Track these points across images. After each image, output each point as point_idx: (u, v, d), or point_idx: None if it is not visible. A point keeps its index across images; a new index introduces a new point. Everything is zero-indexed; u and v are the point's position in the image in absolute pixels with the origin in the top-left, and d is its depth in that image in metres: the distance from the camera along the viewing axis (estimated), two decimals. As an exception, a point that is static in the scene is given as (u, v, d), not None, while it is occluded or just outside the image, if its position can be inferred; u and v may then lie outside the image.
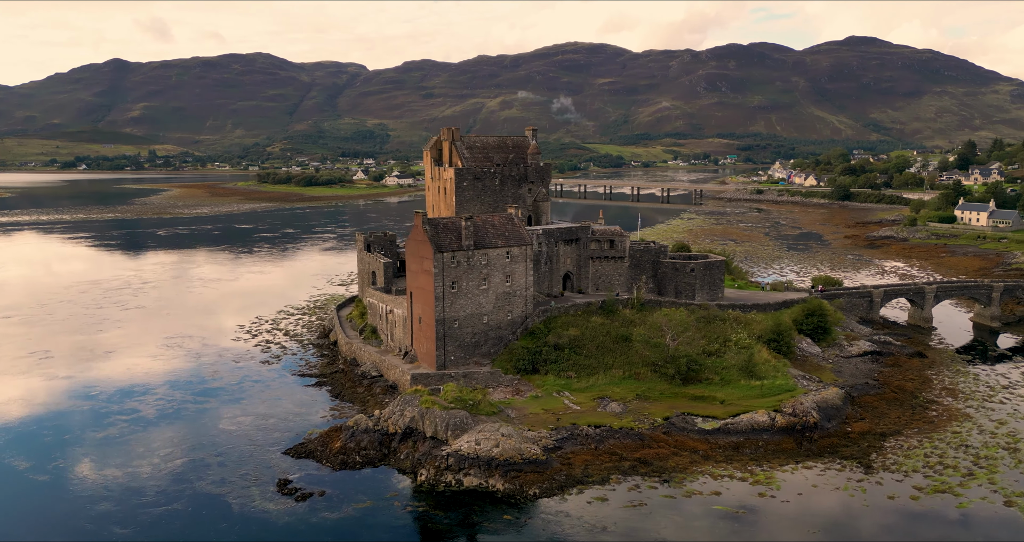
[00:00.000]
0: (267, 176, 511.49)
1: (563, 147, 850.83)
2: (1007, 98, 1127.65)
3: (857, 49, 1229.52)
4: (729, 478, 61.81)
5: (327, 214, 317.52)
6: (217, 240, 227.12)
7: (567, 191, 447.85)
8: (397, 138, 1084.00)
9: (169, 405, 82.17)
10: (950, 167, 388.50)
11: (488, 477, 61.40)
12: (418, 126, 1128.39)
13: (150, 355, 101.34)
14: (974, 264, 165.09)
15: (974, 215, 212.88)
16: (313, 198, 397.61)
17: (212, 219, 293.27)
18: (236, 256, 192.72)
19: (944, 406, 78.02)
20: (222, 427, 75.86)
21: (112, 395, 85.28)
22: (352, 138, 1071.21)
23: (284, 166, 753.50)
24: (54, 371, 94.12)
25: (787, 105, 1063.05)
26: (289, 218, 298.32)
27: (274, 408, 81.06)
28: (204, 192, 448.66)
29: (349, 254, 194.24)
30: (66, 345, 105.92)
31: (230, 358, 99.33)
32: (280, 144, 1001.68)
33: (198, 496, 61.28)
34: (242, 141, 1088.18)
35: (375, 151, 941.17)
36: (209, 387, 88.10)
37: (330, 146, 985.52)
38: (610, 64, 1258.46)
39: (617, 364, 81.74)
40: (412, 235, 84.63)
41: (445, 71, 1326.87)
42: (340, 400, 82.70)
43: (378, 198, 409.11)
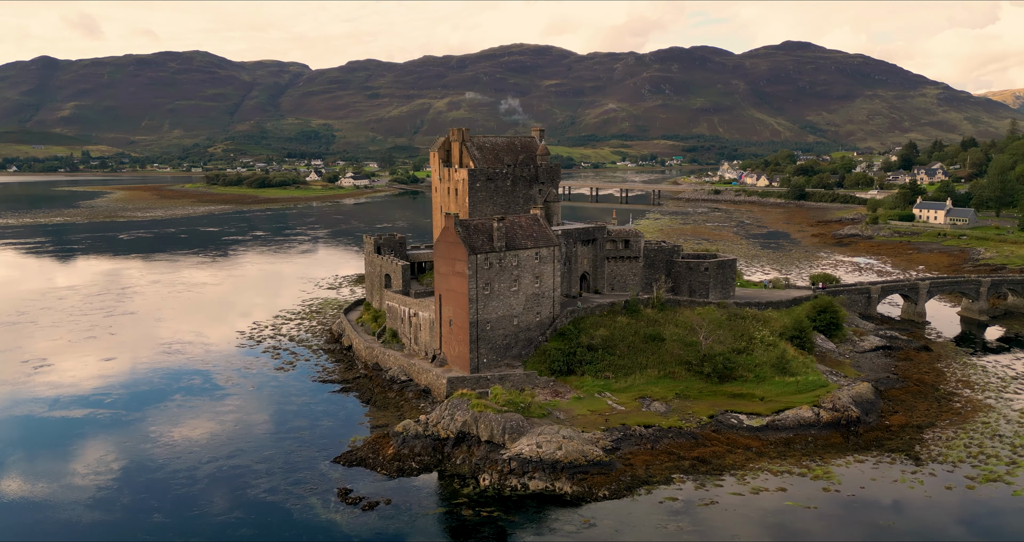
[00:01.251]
0: (216, 178, 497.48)
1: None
2: (934, 101, 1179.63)
3: (793, 53, 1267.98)
4: (788, 474, 62.81)
5: (289, 216, 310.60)
6: (186, 243, 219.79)
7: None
8: (343, 138, 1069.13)
9: (193, 412, 79.18)
10: (894, 168, 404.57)
11: (554, 480, 60.96)
12: (364, 127, 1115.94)
13: (156, 362, 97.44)
14: (943, 260, 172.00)
15: (932, 213, 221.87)
16: (269, 200, 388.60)
17: (171, 222, 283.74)
18: (212, 260, 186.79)
19: (965, 397, 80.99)
20: (257, 434, 73.46)
21: (129, 403, 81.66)
22: (297, 138, 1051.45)
23: (228, 167, 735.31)
24: (56, 378, 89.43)
25: (728, 107, 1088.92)
26: (252, 220, 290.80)
27: (306, 415, 78.87)
28: (151, 194, 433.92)
29: (331, 257, 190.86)
30: (62, 352, 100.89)
31: (241, 365, 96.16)
32: (222, 145, 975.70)
33: (255, 504, 59.33)
34: (181, 142, 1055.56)
35: (322, 152, 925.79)
36: (229, 394, 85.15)
37: (274, 147, 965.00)
38: (556, 66, 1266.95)
39: (651, 364, 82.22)
40: (442, 237, 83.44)
41: (391, 71, 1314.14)
42: (372, 406, 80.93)
43: (334, 200, 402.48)
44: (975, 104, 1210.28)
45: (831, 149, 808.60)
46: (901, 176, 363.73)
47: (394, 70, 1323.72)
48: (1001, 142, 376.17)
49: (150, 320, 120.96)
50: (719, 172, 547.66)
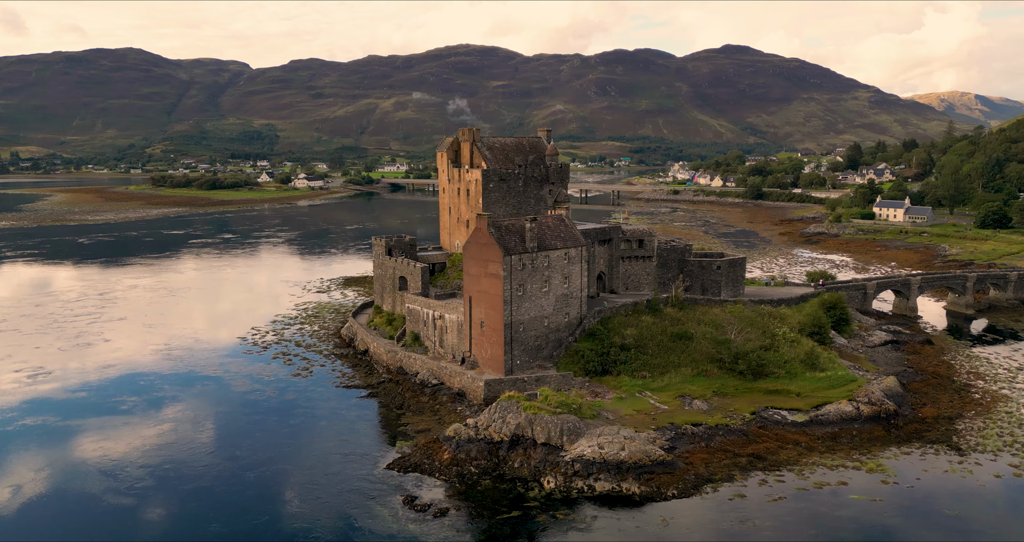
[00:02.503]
0: (162, 180, 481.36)
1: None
2: (866, 104, 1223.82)
3: (733, 57, 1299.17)
4: (843, 468, 64.08)
5: (250, 218, 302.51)
6: (153, 247, 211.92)
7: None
8: (287, 139, 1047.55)
9: (218, 420, 76.33)
10: (841, 168, 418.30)
11: (620, 481, 60.82)
12: (309, 127, 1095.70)
13: (162, 368, 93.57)
14: (911, 257, 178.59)
15: (891, 212, 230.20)
16: (223, 202, 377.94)
17: (128, 225, 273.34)
18: (187, 263, 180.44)
19: (981, 388, 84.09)
20: (296, 442, 71.26)
21: (147, 412, 78.07)
22: (239, 139, 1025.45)
23: (169, 168, 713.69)
24: (60, 385, 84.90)
25: (672, 109, 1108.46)
26: (214, 223, 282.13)
27: (339, 422, 76.91)
28: (94, 197, 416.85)
29: (310, 260, 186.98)
30: (58, 360, 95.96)
31: (253, 372, 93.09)
32: (161, 145, 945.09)
33: (322, 513, 57.58)
34: (115, 142, 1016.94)
35: (266, 153, 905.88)
36: (250, 401, 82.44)
37: (216, 147, 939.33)
38: (502, 67, 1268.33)
39: (683, 362, 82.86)
40: (473, 238, 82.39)
41: (335, 71, 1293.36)
42: (408, 411, 79.31)
43: (289, 201, 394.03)
44: (904, 107, 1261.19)
45: (771, 150, 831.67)
46: (850, 176, 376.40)
47: (338, 69, 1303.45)
48: (941, 143, 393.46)
49: (141, 326, 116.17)
50: (670, 173, 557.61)
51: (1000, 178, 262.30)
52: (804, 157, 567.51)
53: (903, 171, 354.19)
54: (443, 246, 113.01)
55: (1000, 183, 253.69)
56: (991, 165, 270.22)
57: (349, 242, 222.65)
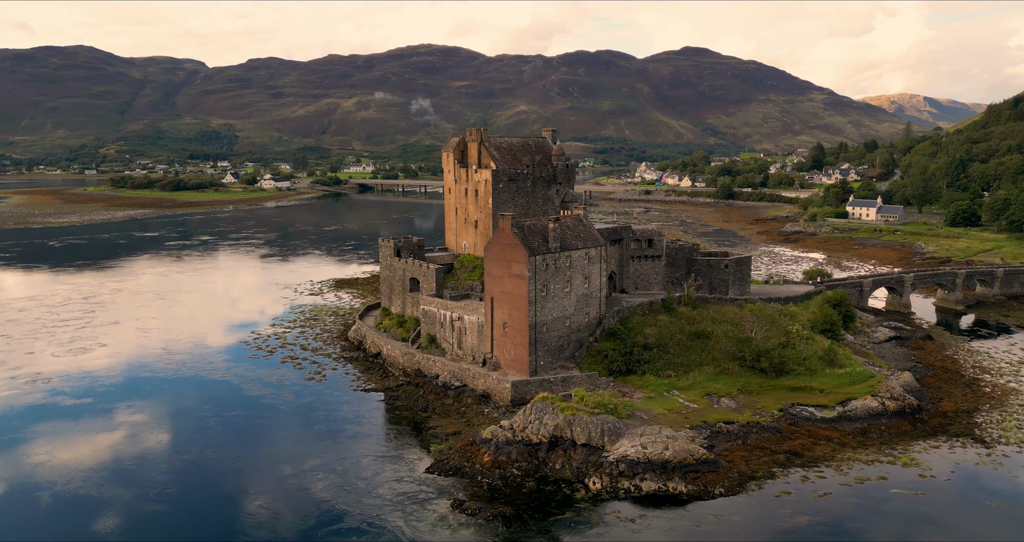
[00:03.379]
0: (122, 181, 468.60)
1: (429, 149, 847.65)
2: (820, 106, 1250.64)
3: (692, 59, 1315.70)
4: (878, 463, 65.12)
5: (224, 220, 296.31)
6: (129, 249, 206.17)
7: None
8: (246, 139, 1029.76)
9: (243, 426, 74.34)
10: (805, 168, 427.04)
11: (666, 480, 60.89)
12: (268, 126, 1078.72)
13: (169, 374, 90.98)
14: (890, 255, 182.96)
15: (864, 211, 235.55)
16: (190, 203, 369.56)
17: (96, 228, 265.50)
18: (170, 266, 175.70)
19: (989, 382, 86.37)
20: (327, 447, 69.99)
21: (168, 420, 75.75)
22: (196, 139, 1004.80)
23: (125, 169, 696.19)
24: (67, 391, 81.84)
25: (634, 110, 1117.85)
26: (187, 225, 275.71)
27: (364, 425, 75.76)
28: (52, 199, 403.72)
29: (295, 261, 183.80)
30: (54, 365, 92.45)
31: (263, 376, 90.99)
32: (115, 146, 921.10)
33: (368, 516, 56.64)
34: (67, 142, 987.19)
35: (226, 153, 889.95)
36: (269, 406, 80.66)
37: (172, 148, 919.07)
38: (465, 67, 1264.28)
39: (704, 361, 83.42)
40: (496, 239, 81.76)
41: (294, 70, 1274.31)
42: (433, 414, 78.31)
43: (257, 202, 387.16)
44: (857, 108, 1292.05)
45: (731, 150, 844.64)
46: (816, 176, 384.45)
47: (298, 69, 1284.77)
48: (900, 143, 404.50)
49: (136, 330, 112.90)
50: (637, 173, 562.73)
51: (964, 178, 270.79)
52: (767, 157, 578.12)
53: (867, 171, 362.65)
54: (449, 247, 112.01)
55: (965, 182, 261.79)
56: (955, 165, 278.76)
57: (331, 244, 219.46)
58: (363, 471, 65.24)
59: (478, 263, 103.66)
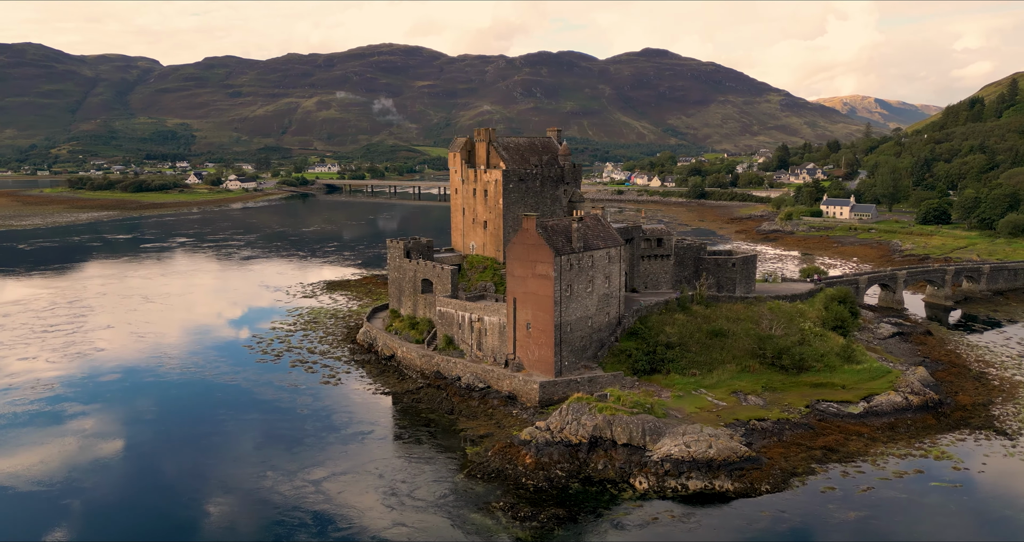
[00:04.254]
0: (81, 182, 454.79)
1: (394, 149, 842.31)
2: (777, 107, 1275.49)
3: (653, 60, 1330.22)
4: (911, 457, 66.37)
5: (196, 221, 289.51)
6: (106, 252, 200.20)
7: (427, 193, 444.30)
8: (204, 139, 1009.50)
9: (268, 430, 72.49)
10: (772, 168, 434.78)
11: (713, 478, 61.18)
12: (227, 126, 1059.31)
13: (177, 379, 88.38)
14: (869, 253, 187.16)
15: (838, 210, 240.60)
16: (156, 205, 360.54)
17: (64, 230, 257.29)
18: (151, 269, 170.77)
19: (995, 375, 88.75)
20: (358, 451, 68.65)
21: (193, 428, 73.58)
22: (152, 139, 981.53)
23: (79, 170, 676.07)
24: (76, 398, 78.92)
25: (597, 111, 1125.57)
26: (159, 226, 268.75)
27: (391, 429, 74.85)
28: (9, 201, 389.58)
29: (280, 263, 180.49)
30: (57, 372, 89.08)
31: (274, 381, 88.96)
32: (67, 146, 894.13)
33: (420, 521, 55.74)
34: (15, 142, 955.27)
35: (184, 153, 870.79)
36: (287, 409, 78.80)
37: (127, 148, 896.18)
38: (427, 67, 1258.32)
39: (725, 359, 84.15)
40: (519, 239, 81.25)
41: (253, 68, 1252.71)
42: (461, 416, 77.49)
43: (224, 204, 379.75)
44: (812, 110, 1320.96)
45: (692, 151, 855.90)
46: (782, 176, 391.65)
47: (256, 67, 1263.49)
48: (862, 144, 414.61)
49: (132, 335, 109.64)
50: (604, 173, 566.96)
51: (929, 177, 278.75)
52: (734, 158, 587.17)
53: (833, 171, 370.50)
54: (455, 248, 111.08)
55: (931, 181, 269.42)
56: (920, 165, 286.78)
57: (313, 245, 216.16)
58: (400, 474, 64.35)
59: (488, 264, 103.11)
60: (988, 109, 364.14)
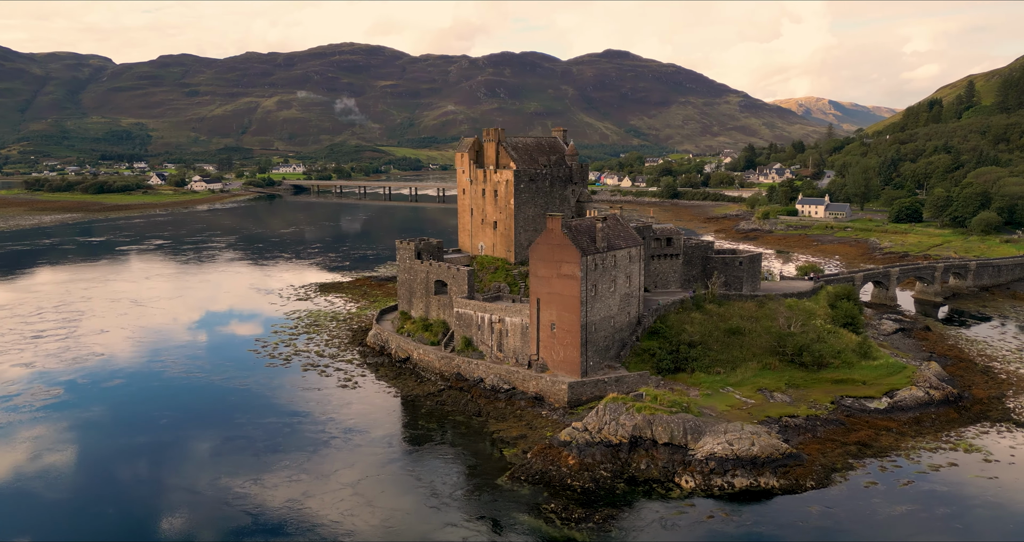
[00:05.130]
0: (38, 184, 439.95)
1: (358, 150, 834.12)
2: (736, 108, 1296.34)
3: (614, 61, 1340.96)
4: (942, 450, 67.75)
5: (166, 223, 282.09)
6: (81, 255, 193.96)
7: (398, 193, 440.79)
8: (160, 139, 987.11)
9: (296, 434, 70.83)
10: (739, 168, 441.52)
11: (758, 476, 61.62)
12: (184, 126, 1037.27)
13: (186, 384, 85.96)
14: (850, 251, 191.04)
15: (813, 209, 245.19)
16: (120, 207, 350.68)
17: (29, 233, 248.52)
18: (135, 272, 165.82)
19: (1000, 369, 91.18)
20: (393, 455, 67.61)
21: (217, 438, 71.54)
22: (106, 139, 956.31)
23: (32, 171, 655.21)
24: (84, 406, 76.17)
25: (560, 112, 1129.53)
26: (131, 229, 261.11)
27: (421, 432, 73.88)
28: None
29: (266, 266, 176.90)
30: (60, 379, 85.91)
31: (288, 385, 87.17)
32: (17, 146, 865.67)
33: (473, 524, 55.10)
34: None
35: (140, 154, 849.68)
36: (308, 413, 77.10)
37: (80, 148, 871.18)
38: (390, 67, 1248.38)
39: (745, 357, 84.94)
40: (543, 239, 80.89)
41: (210, 67, 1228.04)
42: (490, 418, 76.81)
43: (191, 205, 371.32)
44: (770, 111, 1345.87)
45: (655, 151, 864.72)
46: (752, 175, 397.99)
47: (214, 66, 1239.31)
48: (825, 145, 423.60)
49: (128, 340, 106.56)
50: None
51: (896, 176, 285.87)
52: (700, 158, 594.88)
53: (800, 171, 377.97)
54: (463, 248, 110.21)
55: (899, 181, 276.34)
56: (887, 165, 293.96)
57: (296, 247, 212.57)
58: (438, 476, 63.89)
59: (500, 264, 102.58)
60: (947, 110, 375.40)
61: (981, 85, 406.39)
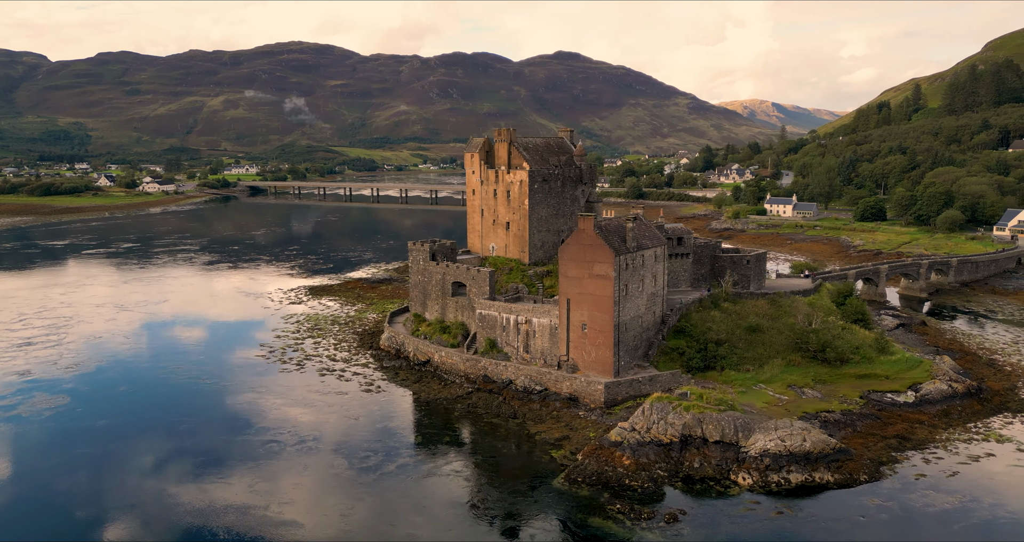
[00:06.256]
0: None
1: (310, 150, 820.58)
2: (685, 110, 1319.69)
3: (565, 63, 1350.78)
4: (975, 441, 69.78)
5: (127, 226, 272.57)
6: (48, 258, 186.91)
7: (359, 194, 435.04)
8: (101, 139, 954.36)
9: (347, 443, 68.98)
10: (698, 168, 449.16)
11: (812, 471, 62.44)
12: (126, 125, 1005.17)
13: (197, 392, 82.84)
14: (825, 249, 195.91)
15: (781, 208, 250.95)
16: (72, 209, 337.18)
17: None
18: (111, 276, 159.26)
19: (1003, 361, 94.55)
20: (438, 460, 66.37)
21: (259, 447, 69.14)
22: (43, 139, 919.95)
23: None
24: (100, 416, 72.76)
25: (513, 113, 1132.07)
26: (92, 232, 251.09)
27: (460, 435, 73.19)
28: None
29: (247, 269, 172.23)
30: (67, 387, 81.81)
31: (307, 390, 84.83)
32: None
33: (541, 526, 54.37)
34: None
35: (80, 154, 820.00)
36: (338, 418, 75.12)
37: (15, 148, 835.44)
38: (340, 66, 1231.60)
39: (768, 354, 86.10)
40: (574, 239, 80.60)
41: (152, 65, 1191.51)
42: (527, 420, 76.07)
43: (145, 207, 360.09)
44: (717, 113, 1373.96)
45: (607, 152, 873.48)
46: (712, 176, 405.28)
47: (156, 64, 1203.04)
48: (779, 146, 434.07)
49: (125, 346, 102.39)
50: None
51: (855, 176, 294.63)
52: (660, 158, 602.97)
53: (759, 171, 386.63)
54: (472, 249, 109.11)
55: (860, 180, 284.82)
56: (846, 165, 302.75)
57: (274, 248, 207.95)
58: (489, 478, 63.32)
59: (514, 265, 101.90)
60: (896, 112, 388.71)
61: (926, 88, 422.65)
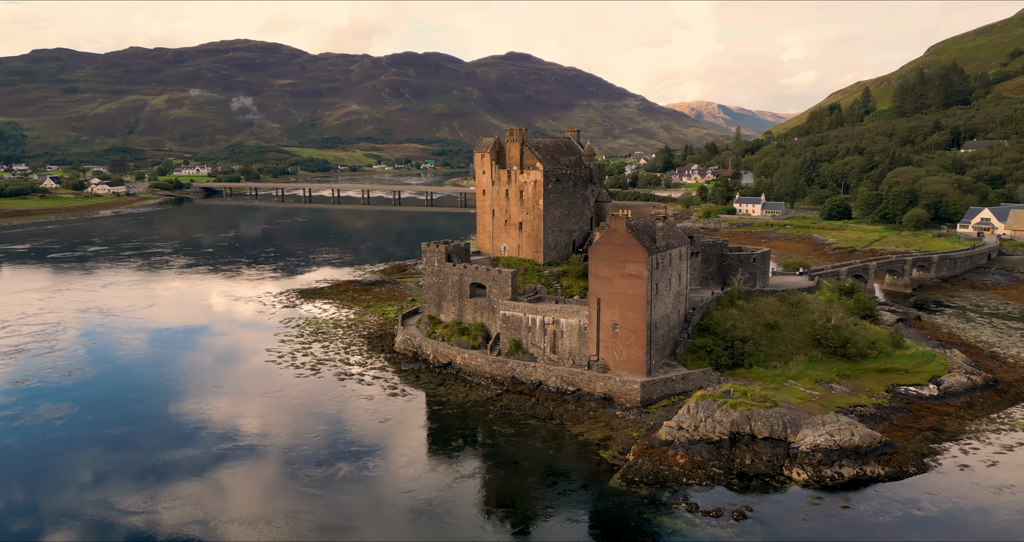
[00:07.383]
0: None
1: (260, 150, 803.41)
2: (636, 111, 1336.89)
3: (517, 64, 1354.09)
4: (1003, 431, 72.04)
5: (85, 228, 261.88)
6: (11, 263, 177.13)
7: (319, 195, 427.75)
8: (37, 139, 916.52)
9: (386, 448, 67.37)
10: (658, 169, 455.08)
11: (863, 465, 63.49)
12: (63, 125, 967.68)
13: (238, 395, 79.72)
14: (799, 247, 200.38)
15: (750, 207, 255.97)
16: (20, 213, 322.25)
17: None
18: (87, 281, 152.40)
19: (1004, 354, 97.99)
20: (487, 462, 65.44)
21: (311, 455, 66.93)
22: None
23: None
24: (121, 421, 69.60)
25: (466, 113, 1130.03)
26: (50, 235, 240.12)
27: (498, 438, 72.09)
28: None
29: (230, 273, 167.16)
30: (80, 396, 77.92)
31: (330, 395, 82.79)
32: None
33: (607, 528, 53.81)
34: None
35: (17, 155, 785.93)
36: (369, 423, 73.41)
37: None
38: (288, 65, 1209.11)
39: (790, 350, 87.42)
40: (605, 239, 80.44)
41: (90, 63, 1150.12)
42: (564, 420, 75.54)
43: (96, 210, 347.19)
44: (666, 114, 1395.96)
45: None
46: (675, 176, 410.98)
47: (94, 61, 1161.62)
48: (735, 147, 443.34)
49: (125, 353, 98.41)
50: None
51: (816, 176, 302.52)
52: (620, 159, 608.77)
53: (720, 171, 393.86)
54: (483, 250, 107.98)
55: (822, 180, 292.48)
56: (807, 165, 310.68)
57: (250, 251, 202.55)
58: (542, 479, 63.14)
59: (528, 266, 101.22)
60: (848, 114, 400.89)
61: (874, 90, 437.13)
